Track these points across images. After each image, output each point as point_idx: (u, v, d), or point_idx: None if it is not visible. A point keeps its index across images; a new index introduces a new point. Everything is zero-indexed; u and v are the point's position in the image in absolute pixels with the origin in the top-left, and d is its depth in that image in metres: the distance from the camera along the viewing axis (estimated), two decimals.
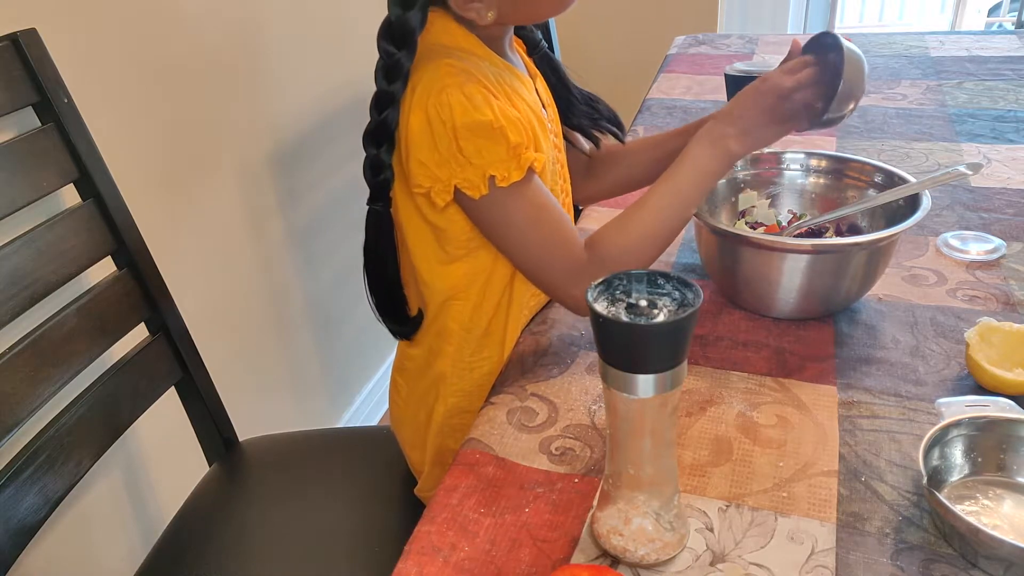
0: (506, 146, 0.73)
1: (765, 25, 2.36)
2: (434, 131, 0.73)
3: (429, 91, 0.73)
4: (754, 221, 0.94)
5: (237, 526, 0.95)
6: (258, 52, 1.38)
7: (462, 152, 0.73)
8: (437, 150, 0.74)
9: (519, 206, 0.77)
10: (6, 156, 0.80)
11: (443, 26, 0.79)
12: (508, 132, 0.73)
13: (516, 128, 0.74)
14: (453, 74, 0.74)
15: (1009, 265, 0.91)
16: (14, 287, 0.78)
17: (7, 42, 0.80)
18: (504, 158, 0.74)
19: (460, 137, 0.72)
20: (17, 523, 0.77)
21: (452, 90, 0.72)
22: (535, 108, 0.84)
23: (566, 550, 0.59)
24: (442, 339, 0.87)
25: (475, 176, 0.74)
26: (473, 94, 0.73)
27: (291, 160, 1.48)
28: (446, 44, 0.79)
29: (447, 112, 0.72)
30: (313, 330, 1.62)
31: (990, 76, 1.51)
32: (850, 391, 0.73)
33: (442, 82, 0.73)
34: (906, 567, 0.56)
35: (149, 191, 1.14)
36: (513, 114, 0.75)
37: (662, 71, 1.72)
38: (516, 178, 0.74)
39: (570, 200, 0.94)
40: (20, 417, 0.77)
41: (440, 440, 0.90)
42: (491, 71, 0.79)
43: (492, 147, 0.73)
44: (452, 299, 0.85)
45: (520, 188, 0.76)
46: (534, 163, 0.75)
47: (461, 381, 0.88)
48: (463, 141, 0.73)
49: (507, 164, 0.74)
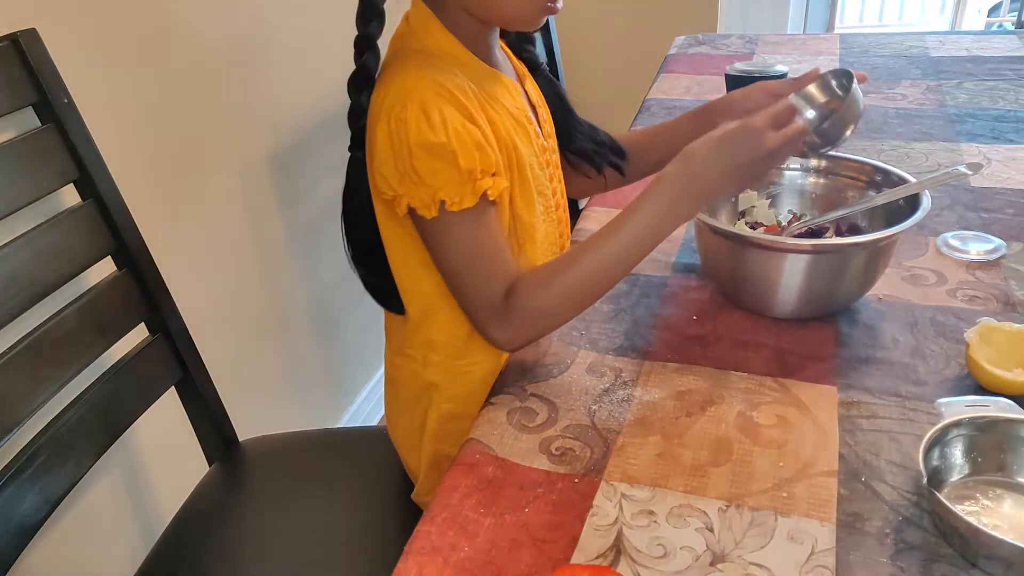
0: (457, 171, 0.72)
1: (765, 25, 2.36)
2: (394, 147, 0.72)
3: (394, 104, 0.72)
4: (754, 221, 0.94)
5: (237, 526, 0.95)
6: (258, 52, 1.38)
7: (416, 172, 0.72)
8: (396, 166, 0.73)
9: (462, 233, 0.75)
10: (6, 156, 0.80)
11: (425, 27, 0.79)
12: (459, 157, 0.71)
13: (469, 154, 0.72)
14: (421, 88, 0.73)
15: (1009, 265, 0.91)
16: (14, 287, 0.78)
17: (7, 42, 0.80)
18: (456, 182, 0.72)
19: (414, 156, 0.71)
20: (17, 523, 0.77)
21: (412, 107, 0.71)
22: (517, 113, 0.83)
23: (566, 550, 0.59)
24: (429, 348, 0.86)
25: (427, 197, 0.72)
26: (432, 112, 0.71)
27: (291, 160, 1.48)
28: (428, 48, 0.78)
29: (403, 130, 0.71)
30: (313, 330, 1.62)
31: (990, 76, 1.51)
32: (850, 391, 0.73)
33: (407, 96, 0.72)
34: (906, 567, 0.56)
35: (149, 191, 1.14)
36: (474, 137, 0.73)
37: (662, 71, 1.72)
38: (468, 204, 0.73)
39: (564, 199, 0.94)
40: (20, 417, 0.77)
41: (435, 446, 0.90)
42: (470, 78, 0.78)
43: (445, 169, 0.71)
44: (434, 308, 0.84)
45: (470, 214, 0.74)
46: (489, 191, 0.73)
47: (452, 387, 0.88)
48: (416, 161, 0.71)
49: (459, 189, 0.72)
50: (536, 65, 0.94)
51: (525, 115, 0.85)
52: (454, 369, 0.87)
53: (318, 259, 1.60)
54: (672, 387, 0.76)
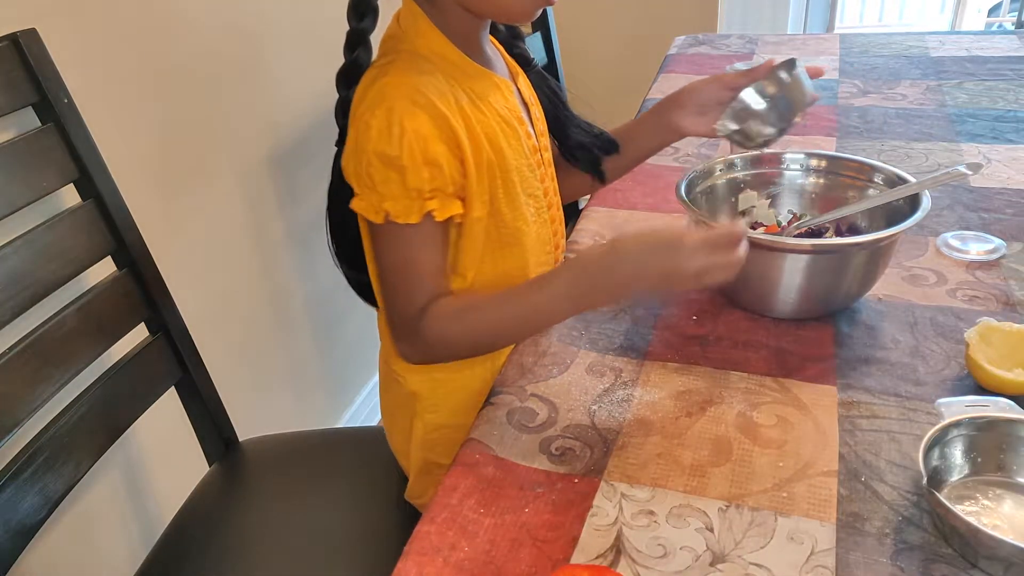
0: (404, 187, 0.72)
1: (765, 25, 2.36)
2: (356, 149, 0.73)
3: (367, 108, 0.73)
4: (754, 221, 0.94)
5: (237, 526, 0.95)
6: (258, 52, 1.38)
7: (370, 176, 0.73)
8: (356, 168, 0.74)
9: (400, 246, 0.76)
10: (6, 156, 0.80)
11: (416, 27, 0.78)
12: (407, 173, 0.71)
13: (418, 172, 0.72)
14: (396, 95, 0.72)
15: (1009, 265, 0.91)
16: (14, 287, 0.78)
17: (7, 42, 0.80)
18: (402, 197, 0.73)
19: (370, 163, 0.72)
20: (17, 523, 0.77)
21: (379, 113, 0.71)
22: (507, 114, 0.82)
23: (566, 550, 0.59)
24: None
25: (376, 203, 0.73)
26: (393, 124, 0.71)
27: (291, 160, 1.48)
28: (418, 48, 0.77)
29: (365, 134, 0.72)
30: (313, 330, 1.62)
31: (990, 76, 1.51)
32: (850, 391, 0.73)
33: (379, 101, 0.72)
34: (906, 567, 0.56)
35: (149, 191, 1.14)
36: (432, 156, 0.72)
37: (662, 71, 1.72)
38: (412, 220, 0.73)
39: (558, 198, 0.92)
40: (20, 417, 0.77)
41: (423, 453, 0.90)
42: (460, 80, 0.78)
43: (396, 181, 0.72)
44: None
45: (411, 230, 0.74)
46: (435, 212, 0.73)
47: (433, 397, 0.87)
48: (371, 168, 0.72)
49: (406, 204, 0.73)
50: (528, 61, 0.93)
51: (516, 115, 0.83)
52: (434, 380, 0.87)
53: (318, 259, 1.60)
54: (672, 387, 0.76)
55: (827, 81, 1.56)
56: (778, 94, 0.83)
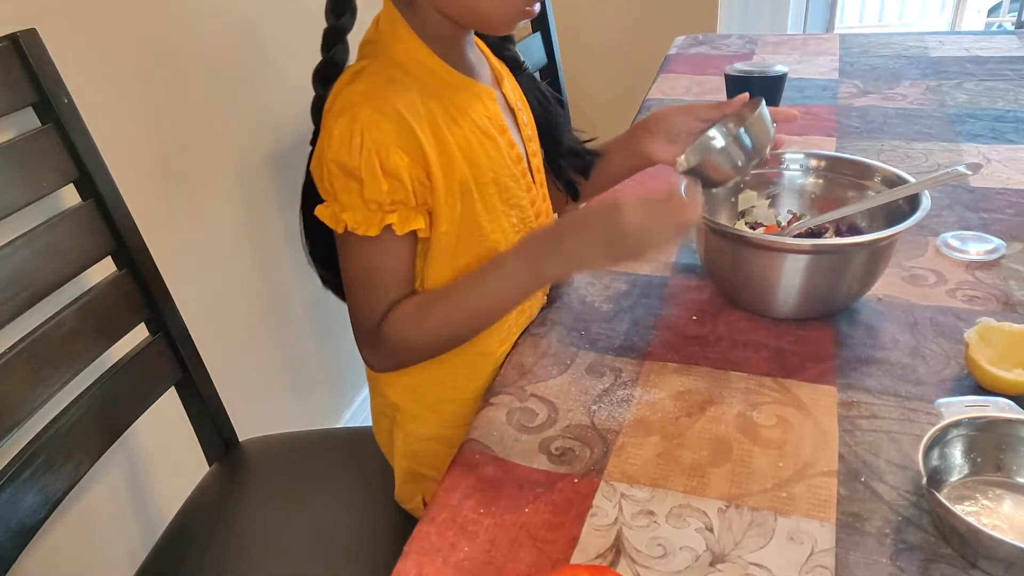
0: (361, 198, 0.71)
1: (765, 25, 2.36)
2: (320, 156, 0.73)
3: (331, 115, 0.72)
4: (754, 221, 0.94)
5: (237, 526, 0.95)
6: (258, 52, 1.38)
7: (331, 185, 0.72)
8: (319, 175, 0.74)
9: (359, 256, 0.75)
10: (6, 156, 0.80)
11: (394, 32, 0.76)
12: (365, 186, 0.71)
13: (376, 185, 0.70)
14: (362, 104, 0.71)
15: (1009, 265, 0.91)
16: (14, 287, 0.78)
17: (7, 42, 0.80)
18: (360, 208, 0.72)
19: (330, 172, 0.72)
20: (17, 523, 0.77)
21: (343, 121, 0.70)
22: (486, 124, 0.79)
23: (566, 550, 0.59)
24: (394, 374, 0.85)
25: (336, 212, 0.73)
26: (355, 134, 0.70)
27: (291, 160, 1.48)
28: (395, 55, 0.75)
29: (327, 142, 0.71)
30: (313, 330, 1.62)
31: (990, 76, 1.51)
32: (850, 391, 0.73)
33: (345, 109, 0.71)
34: (906, 567, 0.56)
35: (149, 191, 1.14)
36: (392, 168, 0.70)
37: (662, 71, 1.72)
38: (371, 233, 0.72)
39: (545, 204, 0.90)
40: (20, 417, 0.77)
41: (406, 463, 0.89)
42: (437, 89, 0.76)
43: (355, 190, 0.71)
44: None
45: (370, 242, 0.73)
46: (394, 225, 0.73)
47: (413, 407, 0.87)
48: (331, 176, 0.72)
49: (364, 215, 0.72)
50: (518, 64, 0.91)
51: (498, 124, 0.81)
52: (415, 392, 0.86)
53: None
54: (672, 387, 0.76)
55: (827, 81, 1.56)
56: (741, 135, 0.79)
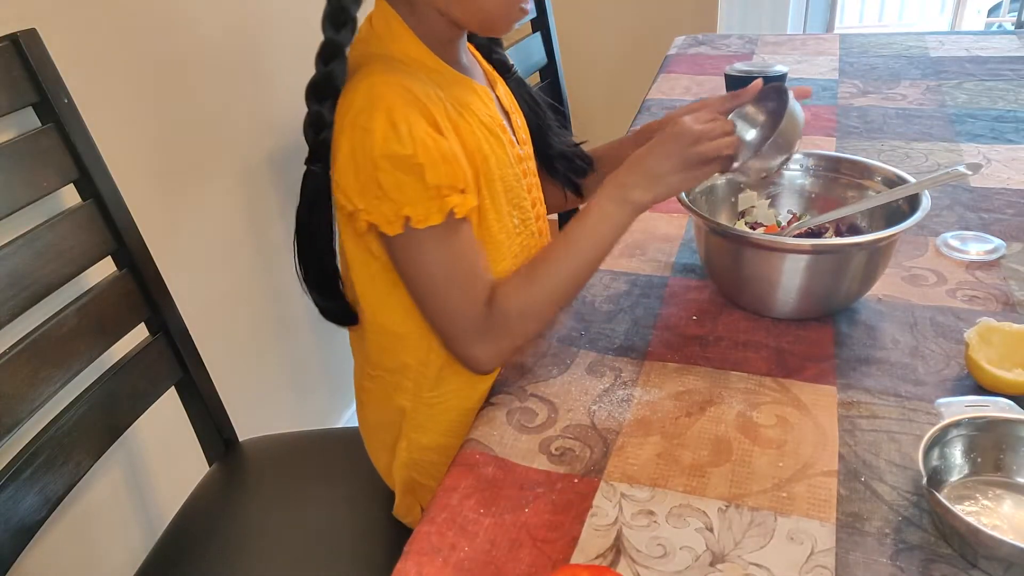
0: (424, 186, 0.68)
1: (765, 25, 2.36)
2: (356, 159, 0.69)
3: (359, 112, 0.69)
4: (754, 221, 0.94)
5: (237, 526, 0.95)
6: (258, 52, 1.38)
7: (380, 185, 0.68)
8: (357, 179, 0.69)
9: (433, 251, 0.71)
10: (6, 156, 0.80)
11: (390, 31, 0.75)
12: (427, 171, 0.68)
13: (436, 168, 0.68)
14: (387, 93, 0.69)
15: (1009, 265, 0.91)
16: (14, 287, 0.78)
17: (7, 42, 0.80)
18: (422, 198, 0.69)
19: (379, 169, 0.68)
20: (17, 523, 0.77)
21: (378, 115, 0.68)
22: (489, 122, 0.79)
23: (566, 550, 0.59)
24: (401, 374, 0.83)
25: (391, 213, 0.69)
26: (399, 122, 0.67)
27: (291, 160, 1.48)
28: (393, 53, 0.75)
29: (369, 140, 0.67)
30: (313, 330, 1.62)
31: (990, 76, 1.51)
32: (850, 391, 0.73)
33: (374, 103, 0.68)
34: (906, 567, 0.56)
35: (149, 191, 1.14)
36: (443, 150, 0.69)
37: (662, 71, 1.72)
38: (434, 221, 0.69)
39: (542, 208, 0.91)
40: (20, 417, 0.77)
41: (408, 472, 0.87)
42: (440, 86, 0.75)
43: (411, 183, 0.68)
44: (404, 333, 0.80)
45: (437, 233, 0.70)
46: (456, 208, 0.70)
47: (423, 417, 0.84)
48: (381, 173, 0.68)
49: (426, 205, 0.69)
50: (507, 68, 0.90)
51: (499, 123, 0.81)
52: (425, 399, 0.84)
53: None
54: (672, 387, 0.76)
55: (827, 81, 1.56)
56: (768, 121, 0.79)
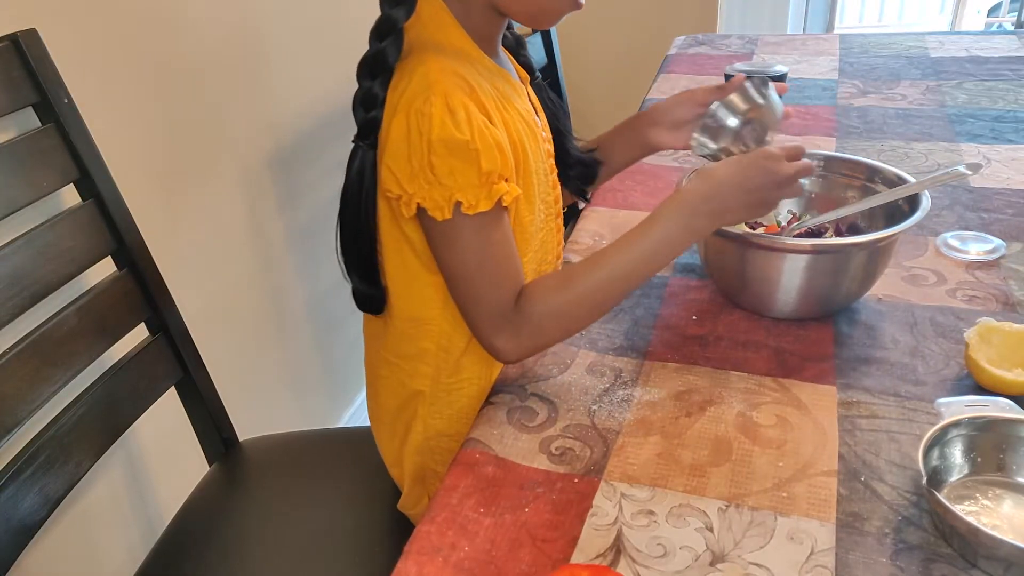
0: (477, 172, 0.69)
1: (765, 25, 2.36)
2: (411, 142, 0.69)
3: (415, 96, 0.69)
4: (754, 221, 0.94)
5: (237, 526, 0.95)
6: (258, 52, 1.38)
7: (433, 170, 0.69)
8: (410, 162, 0.70)
9: (475, 237, 0.72)
10: (6, 156, 0.80)
11: (439, 21, 0.76)
12: (481, 158, 0.68)
13: (491, 155, 0.69)
14: (443, 80, 0.70)
15: (1009, 265, 0.91)
16: (14, 287, 0.78)
17: (7, 42, 0.80)
18: (475, 184, 0.69)
19: (434, 153, 0.68)
20: (17, 523, 0.77)
21: (436, 100, 0.68)
22: (527, 116, 0.81)
23: (566, 550, 0.59)
24: (419, 360, 0.83)
25: (441, 198, 0.69)
26: (456, 108, 0.68)
27: (291, 160, 1.48)
28: (440, 43, 0.75)
29: (426, 124, 0.68)
30: (313, 330, 1.62)
31: (990, 76, 1.51)
32: (850, 391, 0.73)
33: (430, 89, 0.69)
34: (906, 567, 0.56)
35: (149, 191, 1.14)
36: (495, 137, 0.71)
37: (662, 71, 1.72)
38: (483, 208, 0.70)
39: (560, 206, 0.91)
40: (20, 417, 0.77)
41: (420, 459, 0.87)
42: (485, 75, 0.77)
43: (465, 169, 0.69)
44: (428, 318, 0.81)
45: (482, 219, 0.71)
46: (504, 196, 0.71)
47: (440, 402, 0.85)
48: (436, 158, 0.68)
49: (476, 191, 0.69)
50: (532, 70, 0.92)
51: (533, 119, 0.83)
52: (444, 384, 0.84)
53: (318, 259, 1.60)
54: (672, 387, 0.76)
55: (827, 81, 1.56)
56: (749, 111, 0.83)
